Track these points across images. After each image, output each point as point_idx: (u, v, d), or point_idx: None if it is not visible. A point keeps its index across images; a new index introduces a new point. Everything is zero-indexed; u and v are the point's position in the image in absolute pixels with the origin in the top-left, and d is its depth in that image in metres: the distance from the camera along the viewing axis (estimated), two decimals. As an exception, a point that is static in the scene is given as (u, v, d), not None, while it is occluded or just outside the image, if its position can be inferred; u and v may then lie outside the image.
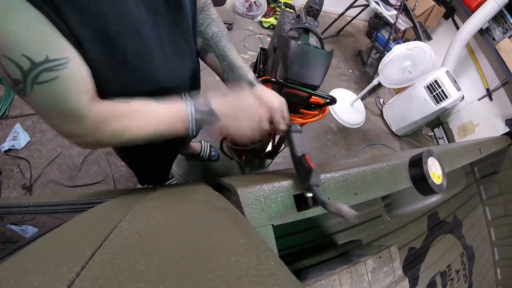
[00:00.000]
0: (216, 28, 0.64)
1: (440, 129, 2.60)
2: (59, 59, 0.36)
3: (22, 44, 0.33)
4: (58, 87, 0.38)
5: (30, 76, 0.35)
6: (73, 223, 0.34)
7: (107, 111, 0.44)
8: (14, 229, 0.52)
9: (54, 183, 1.50)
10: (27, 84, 0.36)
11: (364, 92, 2.15)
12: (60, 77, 0.37)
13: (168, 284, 0.18)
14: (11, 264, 0.21)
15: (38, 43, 0.35)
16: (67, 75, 0.38)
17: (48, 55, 0.35)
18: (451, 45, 2.15)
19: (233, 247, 0.24)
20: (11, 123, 1.62)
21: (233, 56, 0.63)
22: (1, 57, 0.33)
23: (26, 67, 0.34)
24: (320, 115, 1.04)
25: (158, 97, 0.49)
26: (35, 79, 0.35)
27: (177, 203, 0.44)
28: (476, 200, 1.37)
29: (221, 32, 0.64)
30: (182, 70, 0.62)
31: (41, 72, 0.35)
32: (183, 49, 0.59)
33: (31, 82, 0.36)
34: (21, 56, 0.34)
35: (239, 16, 2.51)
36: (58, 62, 0.36)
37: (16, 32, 0.33)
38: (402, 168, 0.62)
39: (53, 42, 0.36)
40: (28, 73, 0.35)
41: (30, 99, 0.38)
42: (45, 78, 0.36)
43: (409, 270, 0.94)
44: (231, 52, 0.64)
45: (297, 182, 0.47)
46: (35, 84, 0.36)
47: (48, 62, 0.35)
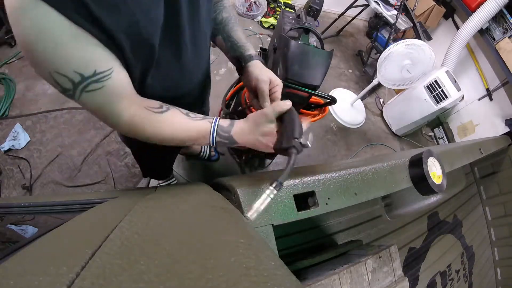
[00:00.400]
0: (226, 14, 0.70)
1: (440, 129, 2.60)
2: (105, 71, 0.42)
3: (73, 62, 0.39)
4: (103, 95, 0.44)
5: (80, 87, 0.41)
6: (73, 223, 0.34)
7: (138, 119, 0.50)
8: (14, 229, 0.52)
9: (54, 183, 1.50)
10: (76, 92, 0.41)
11: (364, 92, 2.15)
12: (105, 86, 0.43)
13: (168, 284, 0.18)
14: (11, 264, 0.21)
15: (87, 60, 0.40)
16: (111, 84, 0.43)
17: (96, 69, 0.41)
18: (451, 45, 2.15)
19: (233, 247, 0.24)
20: (11, 123, 1.62)
21: (236, 36, 0.68)
22: (54, 73, 0.39)
23: (77, 80, 0.40)
24: (320, 115, 1.04)
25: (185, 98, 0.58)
26: (84, 88, 0.41)
27: (177, 203, 0.44)
28: (476, 200, 1.37)
29: (230, 17, 0.70)
30: (198, 64, 0.67)
31: (90, 83, 0.41)
32: (200, 44, 0.63)
33: (80, 91, 0.41)
34: (73, 72, 0.39)
35: (239, 16, 2.51)
36: (104, 74, 0.42)
37: (67, 51, 0.37)
38: (402, 168, 0.62)
39: (99, 56, 0.41)
40: (79, 85, 0.41)
41: (79, 102, 0.43)
42: (92, 88, 0.42)
43: (409, 270, 0.94)
44: (235, 33, 0.69)
45: (297, 182, 0.47)
46: (83, 92, 0.42)
47: (96, 75, 0.41)
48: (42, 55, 0.37)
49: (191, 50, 0.59)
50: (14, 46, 1.90)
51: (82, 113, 1.74)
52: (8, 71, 1.83)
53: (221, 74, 2.11)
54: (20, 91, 1.77)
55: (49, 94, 1.78)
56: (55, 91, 1.62)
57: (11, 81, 1.77)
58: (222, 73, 2.12)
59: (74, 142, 1.63)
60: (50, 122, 1.67)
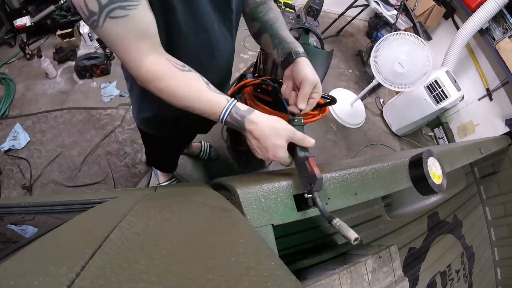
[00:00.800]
0: (272, 14, 0.72)
1: (440, 129, 2.60)
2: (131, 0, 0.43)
3: None
4: (127, 24, 0.45)
5: (106, 10, 0.42)
6: (73, 223, 0.34)
7: (161, 69, 0.50)
8: (14, 229, 0.52)
9: (54, 183, 1.50)
10: (101, 16, 0.42)
11: (364, 92, 2.15)
12: (130, 16, 0.44)
13: (168, 284, 0.18)
14: (11, 264, 0.21)
15: None
16: (136, 16, 0.45)
17: None
18: (451, 45, 2.15)
19: (233, 247, 0.24)
20: (11, 123, 1.62)
21: (285, 34, 0.68)
22: None
23: (104, 1, 0.41)
24: (320, 115, 1.04)
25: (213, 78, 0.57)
26: (109, 13, 0.42)
27: (177, 203, 0.44)
28: (476, 200, 1.37)
29: (277, 17, 0.71)
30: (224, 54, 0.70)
31: (115, 8, 0.42)
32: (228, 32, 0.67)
33: (105, 15, 0.42)
34: None
35: (239, 16, 2.51)
36: (131, 2, 0.43)
37: None
38: (402, 168, 0.62)
39: None
40: (105, 7, 0.41)
41: (101, 31, 0.44)
42: (117, 14, 0.43)
43: (409, 270, 0.94)
44: (283, 31, 0.69)
45: (297, 182, 0.47)
46: (108, 18, 0.43)
47: (122, 1, 0.42)
48: None
49: (218, 32, 0.62)
50: (14, 46, 1.90)
51: (82, 113, 1.74)
52: (8, 71, 1.83)
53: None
54: (20, 91, 1.77)
55: (49, 94, 1.78)
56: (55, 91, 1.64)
57: (11, 81, 1.77)
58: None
59: (74, 142, 1.63)
60: (50, 122, 1.67)
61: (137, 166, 1.63)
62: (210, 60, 0.66)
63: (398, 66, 1.81)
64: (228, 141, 1.43)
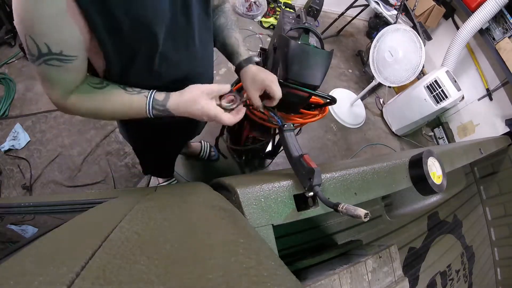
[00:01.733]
0: (223, 19, 0.74)
1: (440, 129, 2.60)
2: (70, 56, 0.46)
3: (47, 36, 0.43)
4: (59, 73, 0.48)
5: (44, 58, 0.45)
6: (73, 223, 0.34)
7: (83, 93, 0.53)
8: (14, 229, 0.52)
9: (54, 183, 1.50)
10: (39, 60, 0.45)
11: (364, 92, 2.15)
12: (64, 67, 0.47)
13: (168, 284, 0.18)
14: (11, 264, 0.21)
15: (60, 39, 0.44)
16: (69, 68, 0.48)
17: (63, 51, 0.45)
18: (451, 45, 2.15)
19: (233, 247, 0.24)
20: (11, 123, 1.62)
21: (230, 43, 0.72)
22: (27, 36, 0.43)
23: (44, 51, 0.44)
24: (320, 115, 1.04)
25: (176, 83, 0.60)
26: (46, 61, 0.45)
27: (177, 203, 0.44)
28: (476, 200, 1.37)
29: (226, 23, 0.74)
30: (204, 62, 0.71)
31: (53, 59, 0.45)
32: (206, 42, 0.67)
33: (42, 61, 0.46)
34: (43, 43, 0.43)
35: (239, 16, 2.51)
36: (68, 58, 0.46)
37: (47, 23, 0.41)
38: (402, 168, 0.62)
39: (71, 41, 0.45)
40: (44, 55, 0.45)
41: (36, 69, 0.48)
42: (53, 63, 0.46)
43: (409, 270, 0.94)
44: (229, 39, 0.73)
45: (297, 182, 0.47)
46: (44, 63, 0.46)
47: (61, 55, 0.45)
48: (28, 18, 0.40)
49: (199, 44, 0.62)
50: (14, 46, 1.90)
51: (82, 113, 1.74)
52: (8, 71, 1.82)
53: (221, 74, 2.11)
54: (20, 91, 1.77)
55: (49, 94, 1.78)
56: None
57: (11, 81, 1.77)
58: (222, 73, 2.12)
59: (74, 142, 1.63)
60: (50, 122, 1.67)
61: (137, 166, 1.63)
62: (192, 68, 0.67)
63: (388, 55, 1.82)
64: (228, 141, 1.43)
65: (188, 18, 0.55)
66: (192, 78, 0.67)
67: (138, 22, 0.47)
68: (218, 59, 2.14)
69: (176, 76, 0.63)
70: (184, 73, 0.64)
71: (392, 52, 1.81)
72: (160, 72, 0.59)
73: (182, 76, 0.64)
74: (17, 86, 1.78)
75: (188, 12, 0.54)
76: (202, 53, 0.65)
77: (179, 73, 0.63)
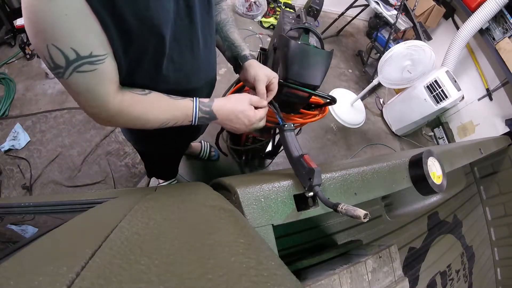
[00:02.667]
0: (224, 15, 0.74)
1: (440, 129, 2.60)
2: (100, 55, 0.43)
3: (72, 38, 0.39)
4: (95, 77, 0.44)
5: (73, 65, 0.41)
6: (73, 223, 0.34)
7: (127, 101, 0.52)
8: (14, 229, 0.52)
9: (54, 183, 1.50)
10: (68, 70, 0.41)
11: (364, 92, 2.15)
12: (98, 70, 0.43)
13: (168, 284, 0.18)
14: (11, 264, 0.21)
15: (85, 39, 0.40)
16: (103, 69, 0.44)
17: (92, 51, 0.41)
18: (451, 45, 2.15)
19: (233, 247, 0.24)
20: (11, 123, 1.62)
21: (233, 37, 0.73)
22: (50, 45, 0.38)
23: (71, 58, 0.40)
24: (320, 115, 1.04)
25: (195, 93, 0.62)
26: (76, 68, 0.41)
27: (177, 203, 0.44)
28: (476, 200, 1.37)
29: (227, 19, 0.74)
30: (208, 63, 0.71)
31: (84, 64, 0.41)
32: (211, 44, 0.67)
33: (72, 70, 0.41)
34: (69, 49, 0.39)
35: (239, 16, 2.51)
36: (99, 57, 0.43)
37: (69, 25, 0.37)
38: (402, 168, 0.62)
39: (99, 40, 0.42)
40: (72, 62, 0.40)
41: (67, 82, 0.43)
42: (85, 69, 0.42)
43: (409, 270, 0.94)
44: (232, 34, 0.73)
45: (297, 182, 0.47)
46: (75, 72, 0.41)
47: (92, 57, 0.41)
48: (44, 24, 0.37)
49: (203, 45, 0.62)
50: (14, 46, 1.90)
51: (82, 113, 1.74)
52: (8, 71, 1.82)
53: (221, 74, 2.11)
54: (20, 91, 1.77)
55: (49, 94, 1.78)
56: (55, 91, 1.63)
57: (11, 81, 1.77)
58: (222, 73, 2.12)
59: (74, 142, 1.63)
60: (50, 122, 1.67)
61: (137, 166, 1.63)
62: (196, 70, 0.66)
63: (406, 73, 1.85)
64: (228, 141, 1.43)
65: (191, 19, 0.54)
66: (196, 80, 0.67)
67: (145, 23, 0.45)
68: (217, 59, 2.14)
69: (182, 78, 0.63)
70: (189, 74, 0.64)
71: (410, 70, 1.83)
72: (166, 74, 0.58)
73: (186, 78, 0.64)
74: (17, 86, 1.78)
75: (191, 13, 0.53)
76: (206, 54, 0.65)
77: (184, 75, 0.63)
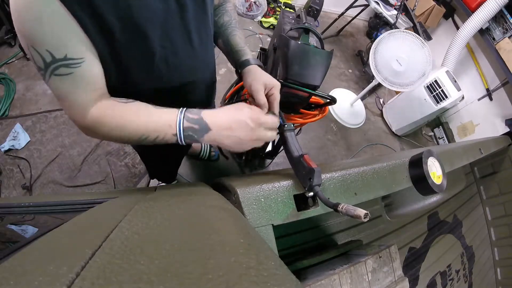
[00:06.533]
0: (227, 17, 0.72)
1: (440, 129, 2.60)
2: (75, 58, 0.43)
3: (47, 41, 0.40)
4: (72, 82, 0.45)
5: (50, 67, 0.42)
6: (73, 223, 0.34)
7: (107, 109, 0.49)
8: (14, 229, 0.52)
9: (54, 183, 1.50)
10: (47, 73, 0.43)
11: (364, 92, 2.15)
12: (74, 74, 0.44)
13: (168, 284, 0.18)
14: (11, 264, 0.21)
15: (60, 42, 0.41)
16: (81, 73, 0.45)
17: (67, 54, 0.42)
18: (451, 45, 2.15)
19: (233, 247, 0.24)
20: (11, 123, 1.62)
21: (234, 41, 0.70)
22: (30, 47, 0.41)
23: (48, 60, 0.42)
24: (320, 115, 1.04)
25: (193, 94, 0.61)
26: (53, 70, 0.43)
27: (177, 203, 0.44)
28: (476, 200, 1.37)
29: (231, 21, 0.71)
30: (205, 63, 0.68)
31: (60, 66, 0.42)
32: (207, 43, 0.64)
33: (50, 72, 0.43)
34: (45, 51, 0.41)
35: (239, 16, 2.51)
36: (74, 61, 0.43)
37: (44, 29, 0.39)
38: (402, 168, 0.62)
39: (73, 43, 0.42)
40: (49, 65, 0.42)
41: (48, 85, 0.45)
42: (61, 72, 0.43)
43: (409, 270, 0.94)
44: (233, 37, 0.70)
45: (297, 182, 0.47)
46: (53, 75, 0.43)
47: (66, 60, 0.42)
48: (24, 26, 0.39)
49: (198, 44, 0.60)
50: (14, 46, 1.90)
51: (82, 113, 1.74)
52: (8, 71, 1.82)
53: (221, 74, 2.11)
54: (20, 91, 1.77)
55: (49, 94, 1.78)
56: (55, 91, 1.55)
57: (11, 81, 1.77)
58: (222, 73, 2.12)
59: (74, 142, 1.63)
60: (50, 122, 1.67)
61: (137, 166, 1.63)
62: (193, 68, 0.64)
63: (396, 64, 1.82)
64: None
65: (183, 17, 0.53)
66: (194, 80, 0.66)
67: (128, 24, 0.45)
68: (217, 59, 2.14)
69: (178, 78, 0.62)
70: (184, 74, 0.63)
71: (400, 62, 1.80)
72: (160, 75, 0.57)
73: (183, 78, 0.63)
74: (17, 86, 1.78)
75: (183, 11, 0.52)
76: (202, 53, 0.64)
77: (181, 75, 0.62)
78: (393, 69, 1.82)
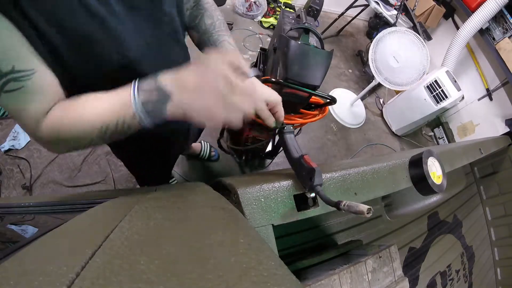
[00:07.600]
0: (209, 19, 0.60)
1: (440, 129, 2.60)
2: (24, 70, 0.38)
3: None
4: (22, 97, 0.40)
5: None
6: (73, 223, 0.34)
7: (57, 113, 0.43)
8: (14, 229, 0.52)
9: (54, 183, 1.50)
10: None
11: (364, 92, 2.15)
12: (25, 87, 0.39)
13: (168, 284, 0.18)
14: (11, 264, 0.21)
15: (6, 54, 0.37)
16: (33, 88, 0.40)
17: (14, 65, 0.37)
18: (451, 45, 2.15)
19: (233, 247, 0.24)
20: (11, 123, 1.62)
21: (224, 45, 0.59)
22: None
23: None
24: (320, 115, 1.04)
25: None
26: (2, 87, 0.38)
27: (177, 203, 0.44)
28: (476, 200, 1.37)
29: (214, 24, 0.60)
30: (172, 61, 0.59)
31: (8, 81, 0.37)
32: (172, 48, 0.57)
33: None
34: None
35: (239, 16, 2.51)
36: (24, 73, 0.38)
37: None
38: (402, 168, 0.62)
39: (20, 54, 0.38)
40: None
41: (2, 105, 0.40)
42: (11, 87, 0.38)
43: (409, 270, 0.94)
44: (221, 44, 0.59)
45: (297, 182, 0.47)
46: (2, 92, 0.38)
47: (15, 72, 0.37)
48: None
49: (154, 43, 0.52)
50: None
51: (82, 113, 1.74)
52: (8, 71, 1.83)
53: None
54: (20, 91, 1.77)
55: (49, 94, 1.78)
56: (55, 91, 1.54)
57: (11, 81, 1.77)
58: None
59: (74, 142, 1.63)
60: (50, 122, 1.67)
61: (137, 166, 1.63)
62: None
63: (393, 60, 1.82)
64: (228, 141, 1.43)
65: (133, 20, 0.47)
66: None
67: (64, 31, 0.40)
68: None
69: None
70: None
71: (397, 58, 1.81)
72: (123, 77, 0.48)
73: None
74: (17, 86, 1.78)
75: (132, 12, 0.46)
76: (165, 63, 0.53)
77: None
78: (389, 65, 1.83)
